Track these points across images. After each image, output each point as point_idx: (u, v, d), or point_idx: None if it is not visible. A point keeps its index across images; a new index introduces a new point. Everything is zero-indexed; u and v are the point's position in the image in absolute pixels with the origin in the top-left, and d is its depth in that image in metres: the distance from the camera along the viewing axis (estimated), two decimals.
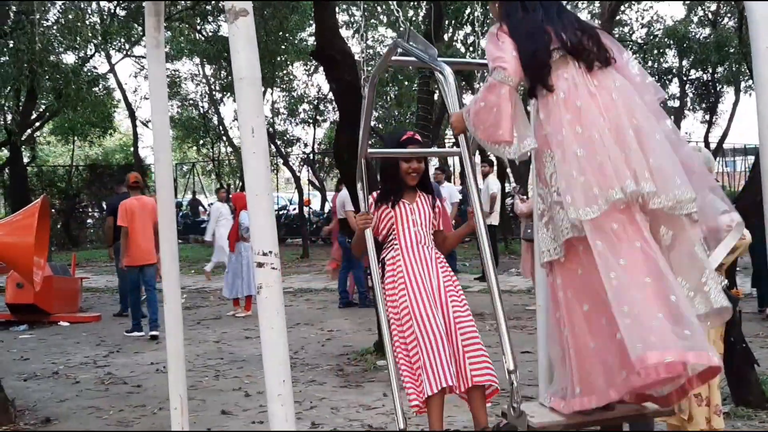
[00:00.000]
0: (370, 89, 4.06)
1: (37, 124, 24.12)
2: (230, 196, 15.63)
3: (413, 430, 4.83)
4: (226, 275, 11.68)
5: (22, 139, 21.73)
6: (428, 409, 3.70)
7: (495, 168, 15.26)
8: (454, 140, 3.34)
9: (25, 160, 24.51)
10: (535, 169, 3.05)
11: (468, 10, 13.70)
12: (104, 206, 26.77)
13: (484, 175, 13.33)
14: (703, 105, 25.57)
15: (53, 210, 23.73)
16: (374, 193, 4.17)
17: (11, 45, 14.42)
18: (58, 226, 24.81)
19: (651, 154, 2.85)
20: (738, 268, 7.69)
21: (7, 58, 16.53)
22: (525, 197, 10.89)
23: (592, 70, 3.00)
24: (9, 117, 21.82)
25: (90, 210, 28.43)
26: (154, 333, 9.62)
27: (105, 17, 18.80)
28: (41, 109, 22.29)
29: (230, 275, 11.41)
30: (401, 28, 3.74)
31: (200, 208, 27.42)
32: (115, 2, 18.54)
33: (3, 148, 23.30)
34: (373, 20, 21.34)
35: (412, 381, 3.75)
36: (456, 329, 3.77)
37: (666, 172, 2.84)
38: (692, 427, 4.37)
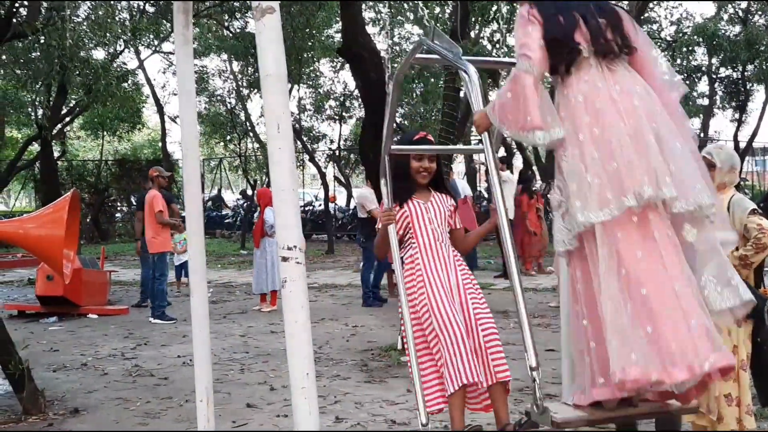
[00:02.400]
0: (394, 87, 4.09)
1: (68, 119, 24.43)
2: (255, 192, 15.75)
3: (436, 428, 4.86)
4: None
5: (53, 133, 22.02)
6: (450, 406, 3.74)
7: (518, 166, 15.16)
8: (479, 138, 3.37)
9: (56, 154, 24.81)
10: (556, 160, 3.06)
11: (494, 8, 13.67)
12: (133, 201, 27.10)
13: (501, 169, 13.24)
14: (733, 103, 25.26)
15: (82, 204, 24.00)
16: None
17: (42, 41, 14.61)
18: (87, 220, 25.08)
19: (671, 160, 2.85)
20: (766, 268, 7.60)
21: (39, 54, 16.77)
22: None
23: (614, 69, 2.99)
24: (40, 112, 22.11)
25: (119, 204, 28.70)
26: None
27: (134, 14, 19.00)
28: (71, 105, 22.55)
29: (255, 271, 11.52)
30: (426, 26, 3.78)
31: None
32: None
33: (34, 143, 23.58)
34: (399, 17, 21.33)
35: (435, 381, 3.80)
36: (477, 326, 3.80)
37: (686, 177, 2.86)
38: (722, 428, 4.32)
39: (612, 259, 2.79)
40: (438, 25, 17.75)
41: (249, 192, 27.98)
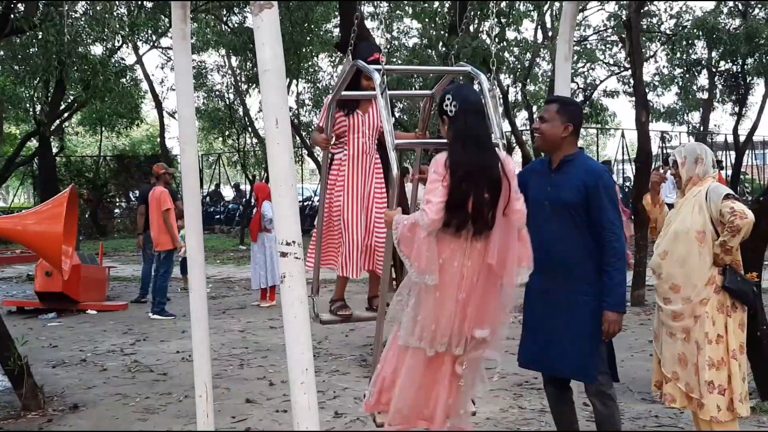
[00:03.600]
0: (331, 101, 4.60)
1: (66, 114, 24.41)
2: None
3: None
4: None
5: (51, 129, 21.99)
6: (338, 283, 5.01)
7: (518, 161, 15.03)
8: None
9: (54, 150, 24.81)
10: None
11: (492, 2, 13.64)
12: (132, 197, 27.14)
13: None
14: (733, 97, 25.24)
15: (81, 200, 23.99)
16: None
17: (40, 36, 14.57)
18: (86, 216, 25.07)
19: (480, 321, 3.70)
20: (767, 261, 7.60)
21: (36, 50, 16.74)
22: None
23: (475, 244, 3.64)
24: (38, 108, 22.09)
25: (117, 200, 28.69)
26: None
27: (132, 9, 18.93)
28: (69, 100, 22.53)
29: (254, 266, 11.52)
30: (425, 19, 3.83)
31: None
32: None
33: (32, 139, 23.57)
34: (398, 11, 21.28)
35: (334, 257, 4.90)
36: (374, 228, 4.72)
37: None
38: (702, 415, 4.42)
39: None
40: (437, 19, 17.72)
41: (243, 187, 27.99)
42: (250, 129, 25.69)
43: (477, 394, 4.13)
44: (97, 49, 19.55)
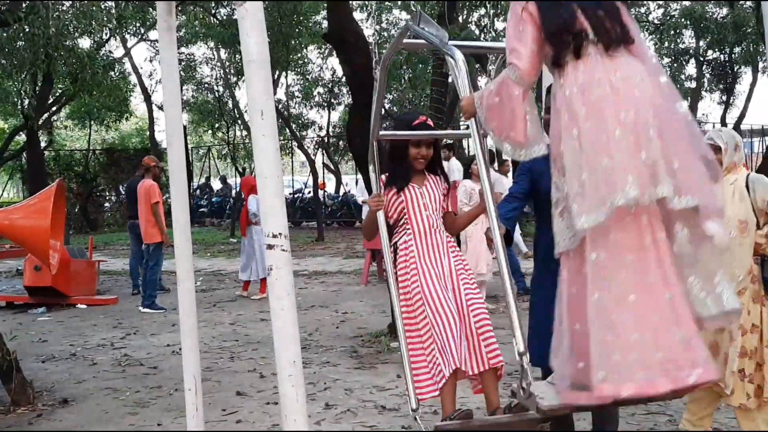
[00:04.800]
0: (381, 72, 4.06)
1: (54, 108, 24.29)
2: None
3: (425, 413, 4.87)
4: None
5: (39, 123, 21.88)
6: (442, 392, 3.74)
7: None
8: (467, 123, 3.31)
9: (42, 144, 24.68)
10: (552, 156, 2.92)
11: None
12: (122, 190, 26.98)
13: (446, 159, 12.95)
14: (720, 86, 25.33)
15: (70, 194, 23.89)
16: (383, 176, 4.17)
17: (27, 30, 14.48)
18: (76, 210, 24.98)
19: (674, 156, 2.74)
20: None
21: (23, 43, 16.62)
22: None
23: (615, 56, 2.84)
24: (26, 102, 21.96)
25: (107, 194, 28.59)
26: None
27: (119, 1, 18.84)
28: (57, 94, 22.41)
29: (244, 258, 11.53)
30: (413, 11, 3.75)
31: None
32: None
33: (20, 133, 23.44)
34: (387, 2, 21.23)
35: (426, 368, 3.81)
36: (469, 312, 3.79)
37: (691, 173, 2.77)
38: (732, 402, 4.40)
39: (600, 265, 2.71)
40: (423, 9, 17.68)
41: (230, 180, 27.92)
42: (239, 121, 25.64)
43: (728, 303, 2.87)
44: (85, 42, 19.43)
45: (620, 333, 2.66)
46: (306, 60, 24.94)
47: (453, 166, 13.21)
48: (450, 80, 12.13)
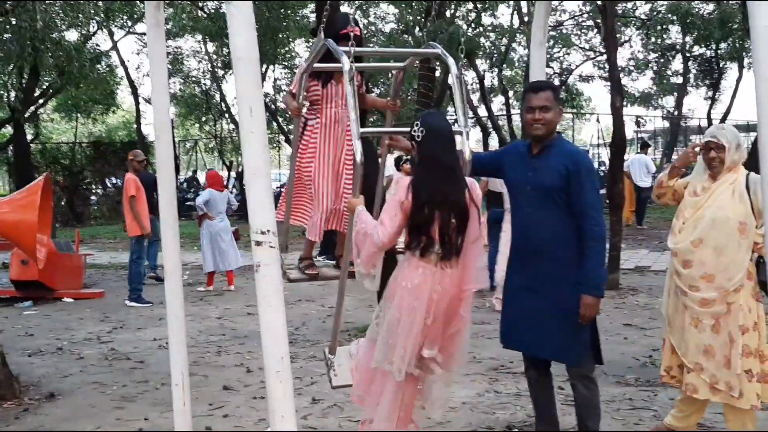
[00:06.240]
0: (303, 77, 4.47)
1: (41, 101, 24.13)
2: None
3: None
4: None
5: (26, 116, 21.75)
6: (307, 242, 4.95)
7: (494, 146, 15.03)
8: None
9: (29, 137, 24.53)
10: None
11: None
12: (108, 184, 26.89)
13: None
14: (706, 81, 25.47)
15: (57, 187, 23.78)
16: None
17: (13, 22, 14.40)
18: (62, 203, 24.87)
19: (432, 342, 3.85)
20: None
21: (10, 36, 16.54)
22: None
23: (446, 268, 3.74)
24: (12, 94, 21.83)
25: (94, 187, 28.47)
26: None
27: None
28: (44, 87, 22.28)
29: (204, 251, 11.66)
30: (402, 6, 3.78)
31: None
32: None
33: (7, 126, 23.30)
34: None
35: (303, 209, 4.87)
36: (342, 192, 4.60)
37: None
38: (742, 404, 4.32)
39: None
40: (414, 4, 17.66)
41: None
42: (227, 115, 25.58)
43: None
44: (72, 35, 19.36)
45: None
46: (293, 54, 24.90)
47: (388, 163, 13.23)
48: (438, 74, 12.14)
